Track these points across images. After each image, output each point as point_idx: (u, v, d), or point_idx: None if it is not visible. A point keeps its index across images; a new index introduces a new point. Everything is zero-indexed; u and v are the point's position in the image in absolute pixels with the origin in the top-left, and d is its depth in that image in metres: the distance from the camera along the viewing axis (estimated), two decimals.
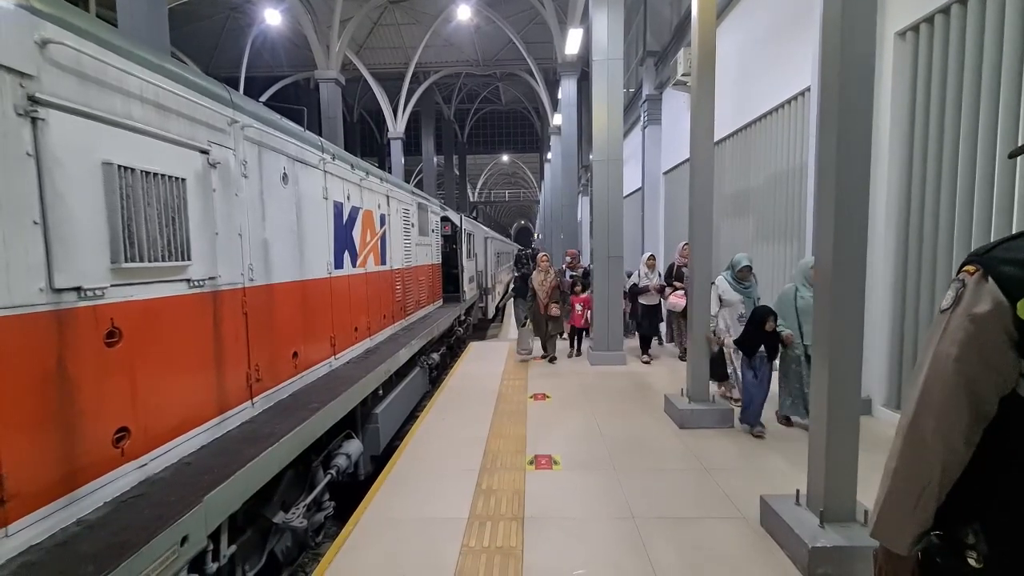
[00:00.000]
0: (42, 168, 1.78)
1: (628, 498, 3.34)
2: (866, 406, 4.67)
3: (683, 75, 8.49)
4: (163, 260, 2.27)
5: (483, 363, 7.50)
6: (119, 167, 2.04)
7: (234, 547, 2.48)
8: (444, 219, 10.16)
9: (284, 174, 3.49)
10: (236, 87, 9.99)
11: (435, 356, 6.99)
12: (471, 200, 44.43)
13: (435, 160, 26.38)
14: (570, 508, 3.23)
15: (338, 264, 4.41)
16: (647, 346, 7.29)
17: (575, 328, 7.59)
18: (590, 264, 8.62)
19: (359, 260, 4.95)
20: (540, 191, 38.68)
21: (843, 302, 2.59)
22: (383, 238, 5.73)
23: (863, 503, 2.62)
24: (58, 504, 1.80)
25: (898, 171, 4.55)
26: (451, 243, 10.32)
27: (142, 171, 2.16)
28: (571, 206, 14.13)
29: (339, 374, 4.11)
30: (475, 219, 16.43)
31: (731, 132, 7.67)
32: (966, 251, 3.75)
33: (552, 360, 7.27)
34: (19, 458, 1.66)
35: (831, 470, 2.60)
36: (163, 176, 2.28)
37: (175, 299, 2.38)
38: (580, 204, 17.84)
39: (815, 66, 5.04)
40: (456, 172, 32.34)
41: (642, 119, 12.14)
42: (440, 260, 9.29)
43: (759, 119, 6.91)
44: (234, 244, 2.87)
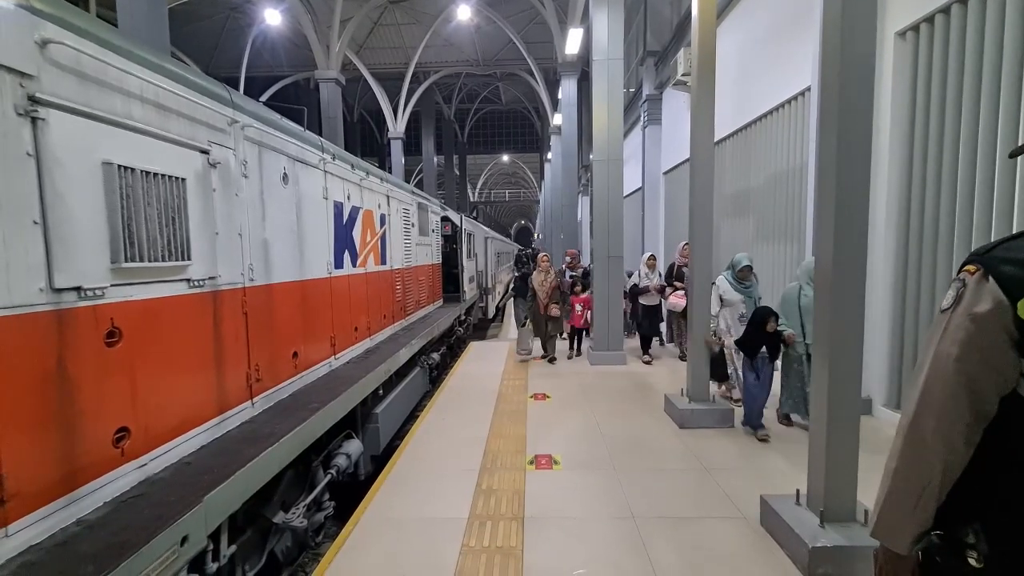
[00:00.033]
0: (42, 168, 1.78)
1: (628, 498, 3.34)
2: (866, 406, 4.67)
3: (683, 75, 8.49)
4: (163, 260, 2.27)
5: (483, 363, 7.50)
6: (119, 167, 2.04)
7: (234, 547, 2.48)
8: (444, 219, 10.16)
9: (284, 174, 3.49)
10: (236, 87, 9.99)
11: (435, 356, 6.99)
12: (471, 200, 44.44)
13: (435, 160, 26.37)
14: (570, 508, 3.23)
15: (338, 264, 4.40)
16: (647, 346, 7.30)
17: (575, 328, 7.59)
18: (590, 264, 8.61)
19: (359, 260, 4.94)
20: (540, 191, 38.67)
21: (843, 302, 2.59)
22: (383, 238, 5.73)
23: (863, 503, 2.62)
24: (58, 504, 1.80)
25: (898, 171, 4.54)
26: (451, 243, 10.32)
27: (142, 171, 2.16)
28: (571, 206, 14.11)
29: (339, 374, 4.11)
30: (475, 219, 16.43)
31: (731, 132, 7.67)
32: (966, 251, 3.76)
33: (552, 361, 7.28)
34: (19, 458, 1.66)
35: (831, 470, 2.61)
36: (163, 176, 2.28)
37: (175, 299, 2.39)
38: (580, 204, 17.83)
39: (815, 66, 5.04)
40: (456, 172, 32.35)
41: (642, 119, 12.14)
42: (440, 260, 9.29)
43: (759, 119, 6.91)
44: (234, 244, 2.87)
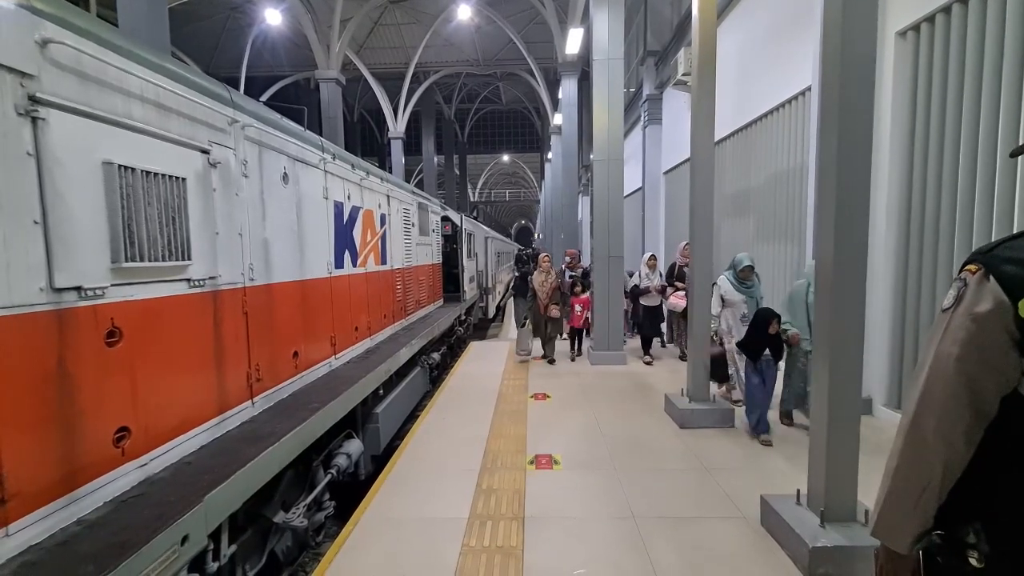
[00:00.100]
0: (42, 168, 1.78)
1: (628, 498, 3.34)
2: (867, 406, 4.67)
3: (683, 75, 8.48)
4: (163, 260, 2.27)
5: (483, 363, 7.50)
6: (119, 167, 2.04)
7: (234, 547, 2.48)
8: (444, 219, 10.16)
9: (284, 174, 3.49)
10: (236, 87, 9.99)
11: (435, 356, 6.99)
12: (471, 200, 44.43)
13: (435, 160, 26.37)
14: (570, 508, 3.23)
15: (338, 264, 4.40)
16: (648, 347, 7.30)
17: (574, 329, 7.59)
18: (590, 265, 8.60)
19: (359, 260, 4.94)
20: (540, 191, 38.64)
21: (844, 302, 2.59)
22: (383, 238, 5.73)
23: (864, 503, 2.62)
24: (58, 504, 1.80)
25: (899, 170, 4.54)
26: (451, 243, 10.32)
27: (142, 171, 2.16)
28: (571, 206, 14.09)
29: (339, 374, 4.11)
30: (475, 219, 16.42)
31: (732, 132, 7.66)
32: (967, 251, 3.76)
33: (551, 362, 7.27)
34: (19, 458, 1.66)
35: (832, 470, 2.60)
36: (163, 176, 2.28)
37: (175, 299, 2.39)
38: (580, 204, 17.82)
39: (815, 66, 5.04)
40: (456, 172, 32.34)
41: (643, 119, 12.14)
42: (440, 260, 9.29)
43: (760, 119, 6.90)
44: (234, 244, 2.87)
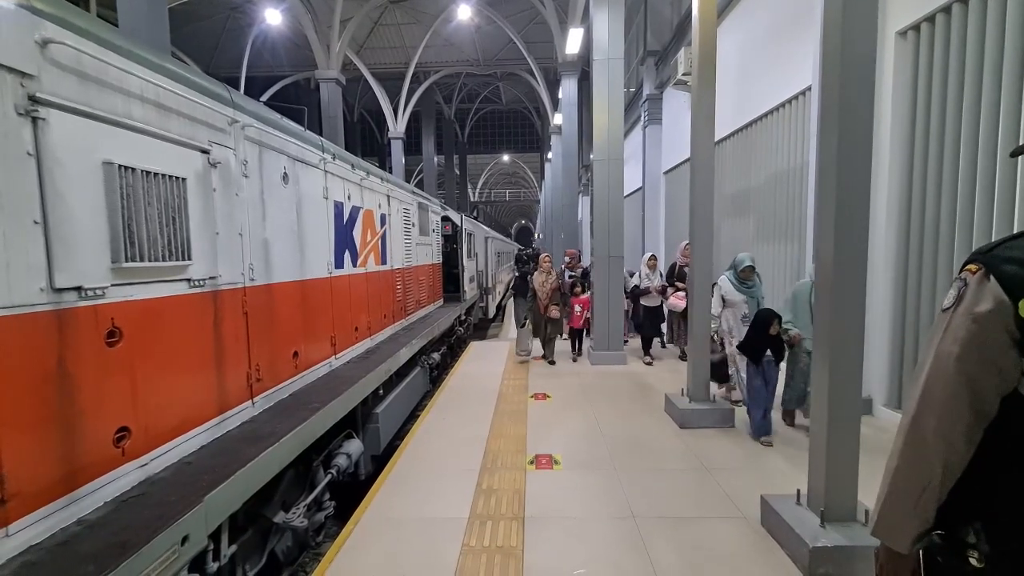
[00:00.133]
0: (43, 168, 1.78)
1: (628, 498, 3.34)
2: (867, 406, 4.67)
3: (684, 74, 8.48)
4: (163, 260, 2.27)
5: (483, 363, 7.50)
6: (119, 167, 2.04)
7: (235, 547, 2.48)
8: (445, 219, 10.16)
9: (285, 174, 3.50)
10: (237, 87, 9.99)
11: (436, 356, 6.99)
12: (471, 200, 44.42)
13: (435, 160, 26.36)
14: (570, 508, 3.23)
15: (338, 264, 4.40)
16: (648, 347, 7.30)
17: (574, 329, 7.58)
18: (590, 265, 8.60)
19: (360, 260, 4.94)
20: (540, 191, 38.62)
21: (844, 302, 2.59)
22: (383, 238, 5.73)
23: (864, 503, 2.61)
24: (58, 504, 1.80)
25: (899, 170, 4.54)
26: (452, 243, 10.32)
27: (143, 171, 2.16)
28: (571, 206, 14.09)
29: (339, 374, 4.11)
30: (476, 219, 16.43)
31: (732, 132, 7.67)
32: (967, 250, 3.76)
33: (551, 362, 7.26)
34: (20, 458, 1.66)
35: (832, 470, 2.60)
36: (164, 176, 2.28)
37: (175, 299, 2.39)
38: (580, 204, 17.81)
39: (816, 65, 5.03)
40: (456, 172, 32.33)
41: (643, 119, 12.14)
42: (441, 260, 9.29)
43: (760, 118, 6.90)
44: (234, 244, 2.87)
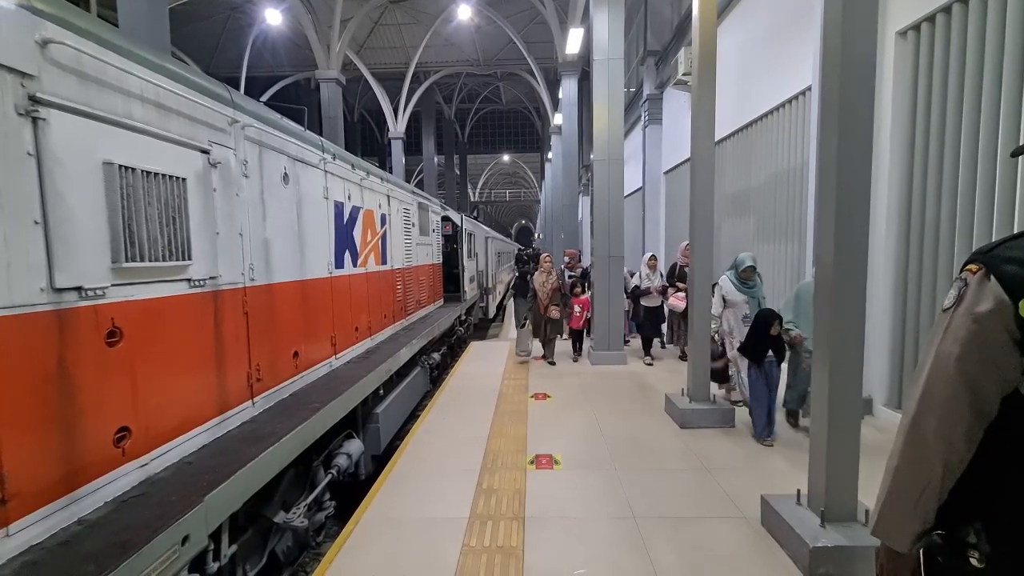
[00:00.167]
0: (43, 168, 1.78)
1: (629, 498, 3.34)
2: (867, 406, 4.67)
3: (684, 74, 8.48)
4: (164, 260, 2.27)
5: (484, 363, 7.50)
6: (120, 167, 2.04)
7: (235, 547, 2.48)
8: (445, 219, 10.16)
9: (285, 174, 3.49)
10: (237, 87, 9.99)
11: (436, 356, 6.99)
12: (472, 200, 44.42)
13: (436, 160, 26.36)
14: (571, 508, 3.23)
15: (339, 264, 4.40)
16: (649, 347, 7.30)
17: (574, 330, 7.56)
18: (590, 265, 8.59)
19: (360, 260, 4.94)
20: (541, 191, 38.62)
21: (844, 302, 2.59)
22: (384, 238, 5.73)
23: (864, 503, 2.61)
24: (59, 503, 1.80)
25: (899, 170, 4.54)
26: (452, 243, 10.32)
27: (143, 171, 2.16)
28: (572, 206, 14.09)
29: (340, 374, 4.11)
30: (476, 219, 16.43)
31: (732, 131, 7.67)
32: (967, 250, 3.75)
33: (552, 363, 7.26)
34: (20, 458, 1.66)
35: (832, 470, 2.60)
36: (164, 176, 2.28)
37: (176, 299, 2.39)
38: (581, 204, 17.82)
39: (816, 65, 5.03)
40: (457, 172, 32.32)
41: (643, 119, 12.14)
42: (441, 260, 9.28)
43: (760, 118, 6.90)
44: (235, 244, 2.87)
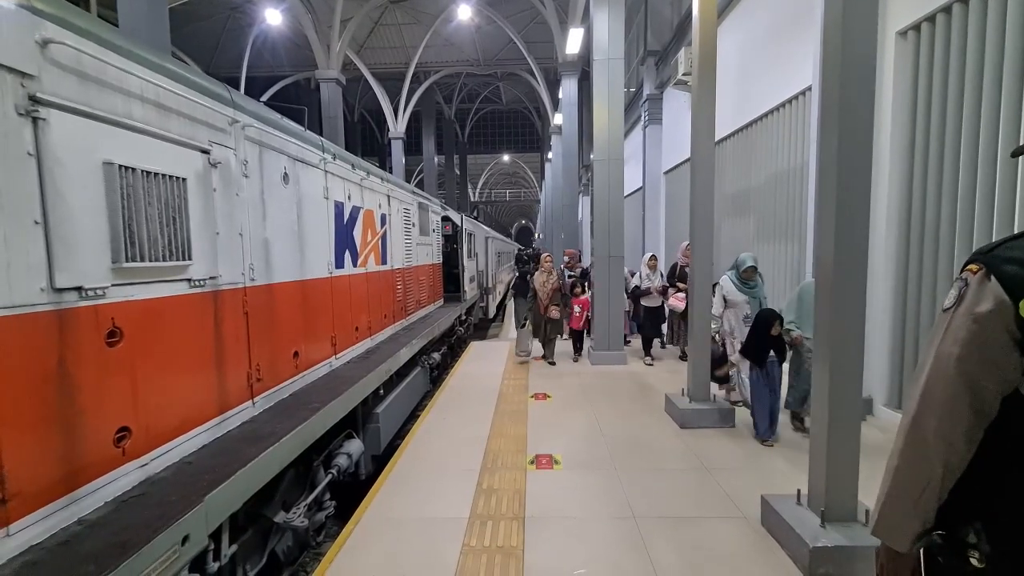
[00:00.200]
0: (43, 168, 1.78)
1: (629, 498, 3.34)
2: (867, 406, 4.67)
3: (684, 74, 8.48)
4: (164, 260, 2.27)
5: (484, 363, 7.50)
6: (120, 167, 2.04)
7: (235, 547, 2.48)
8: (445, 219, 10.16)
9: (285, 174, 3.49)
10: (237, 87, 9.99)
11: (436, 356, 6.99)
12: (472, 200, 44.41)
13: (436, 160, 26.36)
14: (571, 508, 3.23)
15: (339, 264, 4.40)
16: (649, 347, 7.29)
17: (574, 330, 7.55)
18: (590, 265, 8.59)
19: (360, 260, 4.94)
20: (541, 191, 38.63)
21: (844, 302, 2.59)
22: (384, 238, 5.73)
23: (864, 503, 2.61)
24: (59, 503, 1.80)
25: (899, 170, 4.54)
26: (452, 243, 10.32)
27: (143, 171, 2.16)
28: (572, 206, 14.09)
29: (340, 374, 4.11)
30: (476, 219, 16.43)
31: (732, 131, 7.67)
32: (967, 250, 3.75)
33: (552, 363, 7.26)
34: (20, 457, 1.66)
35: (832, 470, 2.60)
36: (164, 176, 2.28)
37: (176, 299, 2.39)
38: (581, 204, 17.82)
39: (816, 65, 5.03)
40: (457, 172, 32.32)
41: (643, 119, 12.14)
42: (441, 260, 9.28)
43: (760, 118, 6.90)
44: (235, 244, 2.87)
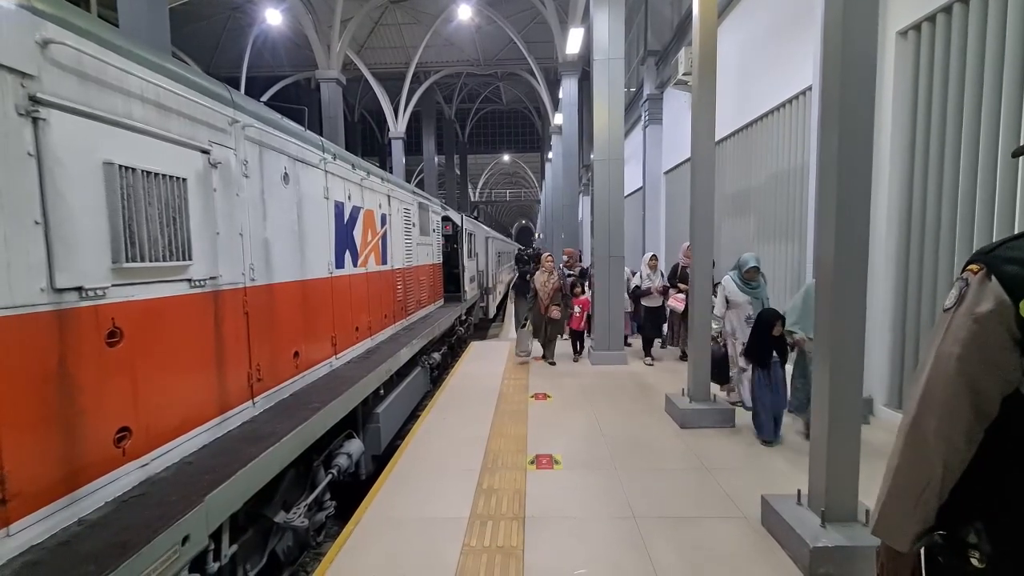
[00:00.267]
0: (43, 168, 1.78)
1: (629, 498, 3.34)
2: (868, 406, 4.66)
3: (684, 74, 8.48)
4: (164, 260, 2.27)
5: (484, 363, 7.50)
6: (120, 167, 2.04)
7: (235, 547, 2.48)
8: (445, 219, 10.16)
9: (285, 174, 3.49)
10: (237, 87, 9.97)
11: (436, 356, 6.99)
12: (472, 200, 44.41)
13: (436, 160, 26.37)
14: (571, 508, 3.23)
15: (339, 264, 4.40)
16: (649, 347, 7.29)
17: (573, 330, 7.55)
18: (590, 265, 8.58)
19: (360, 260, 4.94)
20: (541, 191, 38.64)
21: (844, 301, 2.58)
22: (384, 238, 5.73)
23: (864, 503, 2.61)
24: (59, 504, 1.80)
25: (900, 170, 4.53)
26: (452, 243, 10.32)
27: (143, 171, 2.16)
28: (572, 206, 14.09)
29: (340, 374, 4.11)
30: (476, 219, 16.43)
31: (732, 131, 7.66)
32: (968, 250, 3.75)
33: (552, 363, 7.25)
34: (21, 458, 1.66)
35: (832, 470, 2.60)
36: (164, 176, 2.28)
37: (176, 299, 2.39)
38: (581, 204, 17.82)
39: (816, 65, 5.03)
40: (457, 172, 32.32)
41: (643, 118, 12.13)
42: (441, 260, 9.29)
43: (760, 118, 6.90)
44: (235, 244, 2.87)
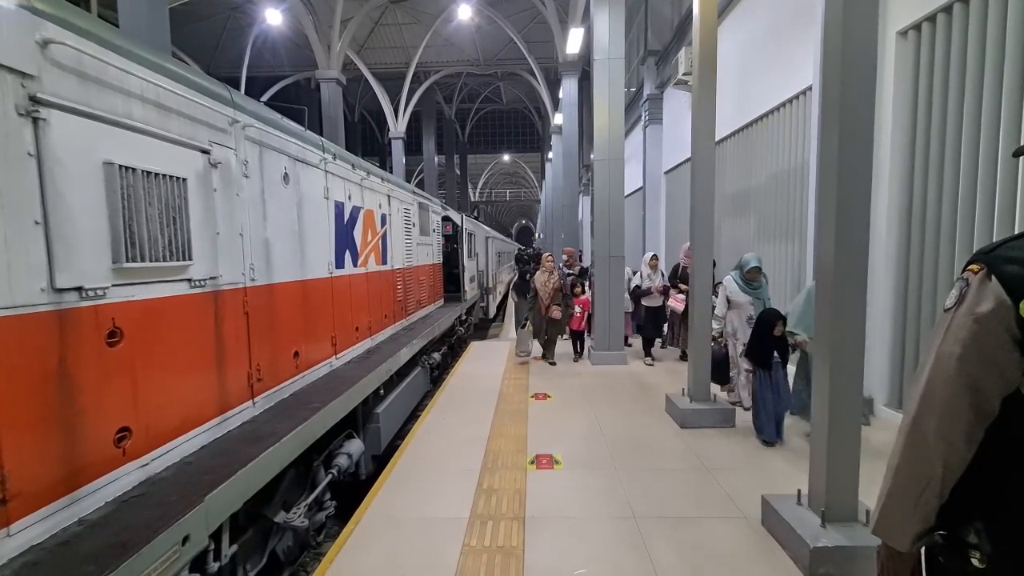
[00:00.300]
0: (43, 168, 1.78)
1: (629, 498, 3.34)
2: (868, 405, 4.66)
3: (684, 74, 8.48)
4: (164, 260, 2.27)
5: (484, 363, 7.50)
6: (120, 167, 2.04)
7: (235, 547, 2.48)
8: (445, 219, 10.16)
9: (285, 174, 3.50)
10: (237, 87, 9.98)
11: (436, 356, 6.99)
12: (472, 200, 44.42)
13: (436, 160, 26.37)
14: (571, 508, 3.23)
15: (339, 264, 4.41)
16: (650, 348, 7.29)
17: (573, 331, 7.54)
18: (590, 264, 8.58)
19: (360, 260, 4.94)
20: (541, 191, 38.65)
21: (845, 301, 2.58)
22: (384, 238, 5.73)
23: (865, 503, 2.61)
24: (60, 504, 1.80)
25: (900, 170, 4.53)
26: (452, 243, 10.32)
27: (143, 171, 2.16)
28: (572, 206, 14.09)
29: (340, 374, 4.11)
30: (476, 219, 16.44)
31: (732, 131, 7.66)
32: (968, 250, 3.75)
33: (552, 364, 7.25)
34: (21, 458, 1.66)
35: (833, 470, 2.60)
36: (164, 176, 2.28)
37: (176, 299, 2.39)
38: (581, 204, 17.83)
39: (816, 65, 5.03)
40: (457, 172, 32.32)
41: (643, 118, 12.13)
42: (441, 260, 9.29)
43: (760, 118, 6.90)
44: (235, 244, 2.87)
